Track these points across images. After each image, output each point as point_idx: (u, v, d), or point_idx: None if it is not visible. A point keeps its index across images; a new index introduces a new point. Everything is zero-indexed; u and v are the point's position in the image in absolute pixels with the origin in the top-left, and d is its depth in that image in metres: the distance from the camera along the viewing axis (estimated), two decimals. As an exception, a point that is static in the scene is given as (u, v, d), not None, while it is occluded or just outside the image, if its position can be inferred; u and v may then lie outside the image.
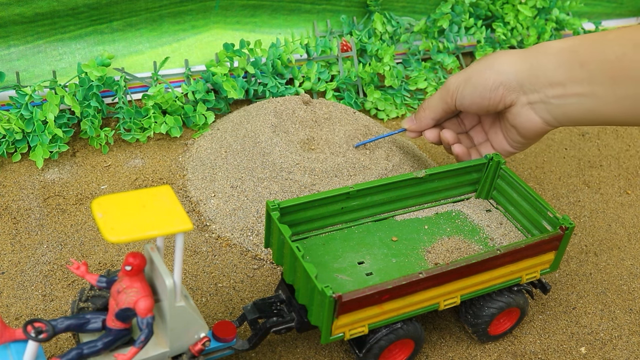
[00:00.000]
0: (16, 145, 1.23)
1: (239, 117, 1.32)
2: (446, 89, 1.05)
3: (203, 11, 1.44)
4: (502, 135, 1.09)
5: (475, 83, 1.01)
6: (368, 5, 1.60)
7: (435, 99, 1.08)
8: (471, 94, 1.02)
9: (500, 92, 1.00)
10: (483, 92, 1.01)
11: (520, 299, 1.00)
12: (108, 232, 0.70)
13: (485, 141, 1.13)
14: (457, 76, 1.05)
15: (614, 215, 1.33)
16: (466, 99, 1.03)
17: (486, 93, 1.01)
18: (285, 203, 0.94)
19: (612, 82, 0.92)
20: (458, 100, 1.05)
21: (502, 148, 1.10)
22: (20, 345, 0.78)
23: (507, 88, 1.00)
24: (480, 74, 1.01)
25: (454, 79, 1.05)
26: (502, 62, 1.00)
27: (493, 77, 1.00)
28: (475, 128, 1.15)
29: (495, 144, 1.11)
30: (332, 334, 0.85)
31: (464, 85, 1.03)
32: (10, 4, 1.23)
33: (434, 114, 1.09)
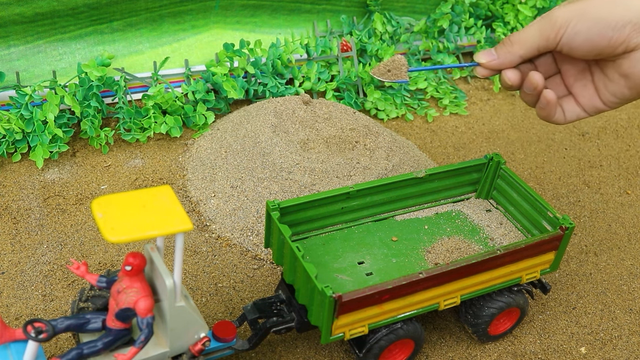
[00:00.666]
0: (16, 145, 1.23)
1: (239, 117, 1.32)
2: (550, 22, 0.85)
3: (203, 11, 1.44)
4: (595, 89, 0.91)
5: (595, 17, 0.83)
6: (368, 5, 1.60)
7: (532, 33, 0.87)
8: (588, 31, 0.83)
9: (627, 32, 0.82)
10: (604, 30, 0.83)
11: (520, 299, 1.00)
12: (108, 232, 0.70)
13: (567, 95, 0.94)
14: (567, 7, 0.85)
15: (614, 215, 1.33)
16: (579, 36, 0.84)
17: (608, 31, 0.83)
18: (285, 203, 0.94)
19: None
20: (566, 37, 0.85)
21: (591, 104, 0.92)
22: (20, 345, 0.78)
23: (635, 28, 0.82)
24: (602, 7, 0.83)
25: (563, 11, 0.84)
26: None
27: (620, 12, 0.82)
28: (552, 79, 0.94)
29: (581, 99, 0.92)
30: (332, 334, 0.85)
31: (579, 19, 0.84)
32: (10, 4, 1.23)
33: (525, 50, 0.88)
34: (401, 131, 1.47)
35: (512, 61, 0.89)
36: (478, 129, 1.52)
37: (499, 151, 1.46)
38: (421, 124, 1.51)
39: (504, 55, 0.89)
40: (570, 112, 0.92)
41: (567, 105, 0.92)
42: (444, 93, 1.58)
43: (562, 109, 0.92)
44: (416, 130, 1.49)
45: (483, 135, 1.51)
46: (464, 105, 1.59)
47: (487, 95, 1.65)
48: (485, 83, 1.69)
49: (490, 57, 0.90)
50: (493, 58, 0.90)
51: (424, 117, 1.53)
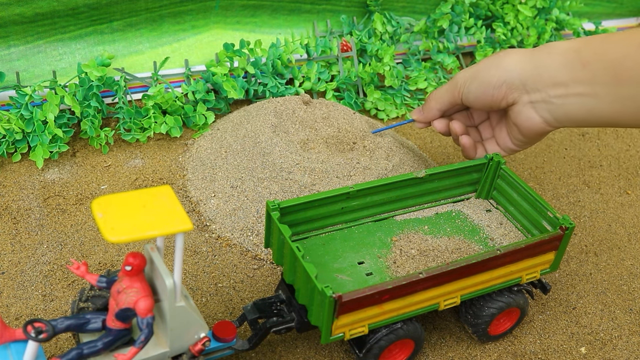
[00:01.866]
0: (16, 145, 1.23)
1: (239, 117, 1.32)
2: (454, 83, 1.07)
3: (203, 11, 1.44)
4: (506, 132, 1.10)
5: (481, 79, 1.03)
6: (368, 5, 1.60)
7: (443, 91, 1.09)
8: (476, 90, 1.04)
9: (504, 90, 1.01)
10: (487, 89, 1.02)
11: (520, 299, 1.00)
12: (108, 232, 0.70)
13: (491, 137, 1.14)
14: (466, 71, 1.06)
15: (614, 215, 1.33)
16: (471, 94, 1.05)
17: (489, 90, 1.02)
18: (285, 203, 0.94)
19: (614, 82, 0.92)
20: (464, 95, 1.06)
21: (505, 145, 1.11)
22: (20, 345, 0.78)
23: (510, 86, 1.01)
24: (487, 71, 1.02)
25: (462, 74, 1.06)
26: (509, 60, 1.01)
27: (498, 74, 1.01)
28: (483, 123, 1.16)
29: (499, 141, 1.12)
30: (332, 334, 0.85)
31: (471, 81, 1.04)
32: (10, 4, 1.23)
33: (440, 105, 1.10)
34: (401, 131, 1.47)
35: (434, 115, 1.12)
36: (478, 129, 1.52)
37: (499, 151, 1.46)
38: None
39: (427, 111, 1.13)
40: (491, 150, 1.13)
41: (490, 146, 1.13)
42: (444, 93, 1.58)
43: (485, 149, 1.13)
44: (416, 130, 1.49)
45: (483, 135, 1.51)
46: (464, 105, 1.59)
47: (487, 95, 1.65)
48: (485, 83, 1.69)
49: (419, 113, 1.15)
50: (420, 114, 1.14)
51: (424, 117, 1.53)
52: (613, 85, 0.92)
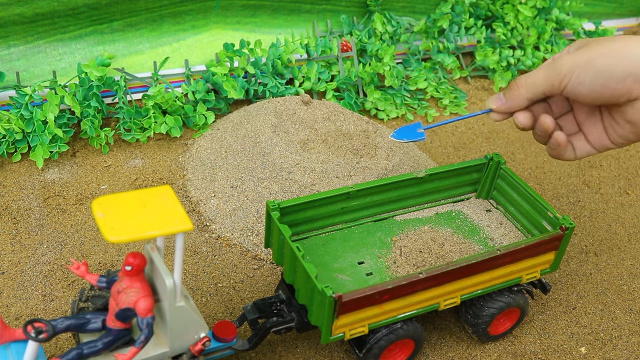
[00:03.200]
0: (16, 145, 1.23)
1: (239, 117, 1.32)
2: (556, 70, 0.88)
3: (203, 11, 1.44)
4: (604, 128, 0.94)
5: (599, 68, 0.85)
6: (368, 5, 1.60)
7: (538, 78, 0.90)
8: (592, 81, 0.86)
9: (629, 83, 0.85)
10: (608, 81, 0.86)
11: (520, 299, 1.00)
12: (108, 232, 0.70)
13: (577, 132, 0.96)
14: (573, 56, 0.87)
15: (614, 215, 1.33)
16: (583, 86, 0.87)
17: (611, 82, 0.85)
18: (285, 203, 0.94)
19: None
20: (571, 86, 0.88)
21: (599, 143, 0.94)
22: (20, 345, 0.78)
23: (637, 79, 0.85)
24: (606, 59, 0.85)
25: (569, 60, 0.87)
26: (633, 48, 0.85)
27: (623, 64, 0.84)
28: (565, 116, 0.97)
29: (591, 137, 0.95)
30: (332, 334, 0.85)
31: (584, 69, 0.86)
32: (10, 4, 1.23)
33: (532, 94, 0.91)
34: (401, 131, 1.47)
35: (520, 104, 0.92)
36: (478, 129, 1.52)
37: (499, 151, 1.46)
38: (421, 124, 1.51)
39: (512, 99, 0.92)
40: (581, 149, 0.95)
41: (578, 143, 0.95)
42: (444, 93, 1.59)
43: (573, 146, 0.95)
44: (416, 130, 1.49)
45: (483, 135, 1.51)
46: (464, 105, 1.59)
47: (487, 95, 1.65)
48: (486, 83, 1.69)
49: (499, 102, 0.93)
50: (502, 102, 0.93)
51: (424, 117, 1.53)
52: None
